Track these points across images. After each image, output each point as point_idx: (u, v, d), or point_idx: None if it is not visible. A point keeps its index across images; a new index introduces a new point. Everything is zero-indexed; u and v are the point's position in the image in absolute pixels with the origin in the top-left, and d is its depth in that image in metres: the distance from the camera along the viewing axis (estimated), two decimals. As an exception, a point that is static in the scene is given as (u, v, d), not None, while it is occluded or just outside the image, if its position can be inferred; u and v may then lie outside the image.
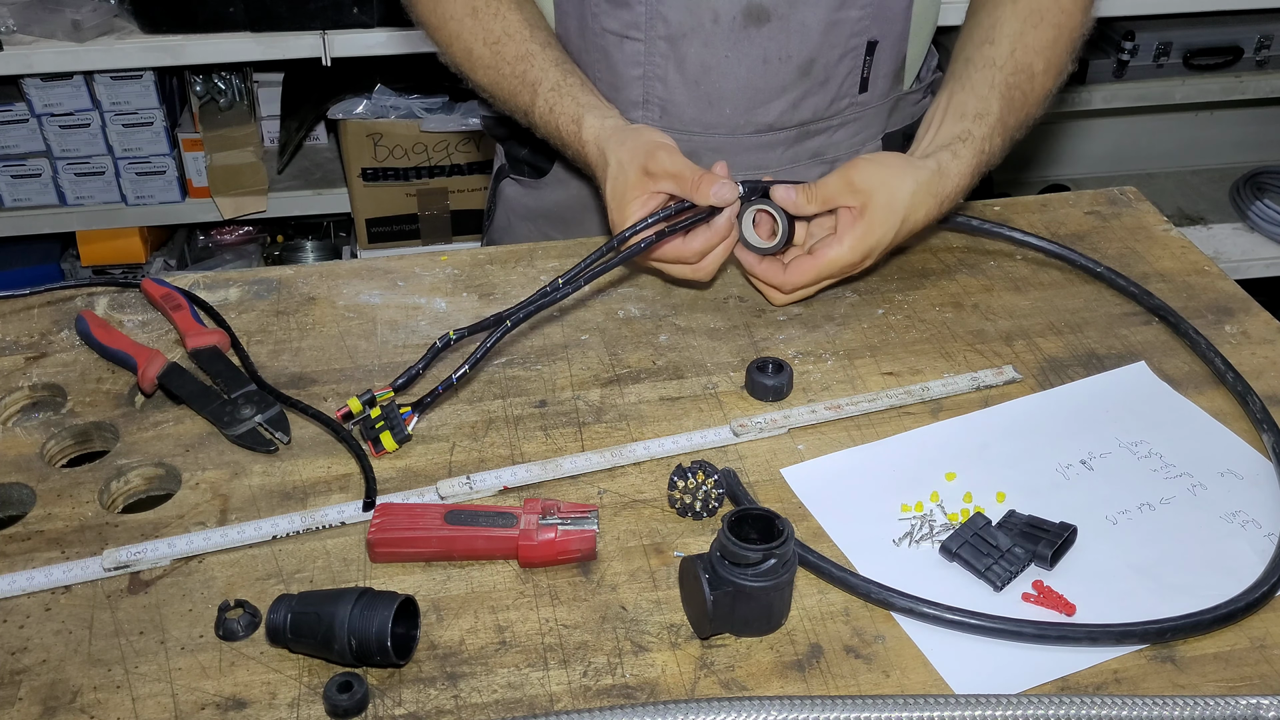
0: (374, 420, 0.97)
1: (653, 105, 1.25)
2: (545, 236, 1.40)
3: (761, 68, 1.22)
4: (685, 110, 1.25)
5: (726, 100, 1.24)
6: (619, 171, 1.10)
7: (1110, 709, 0.75)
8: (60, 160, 2.38)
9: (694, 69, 1.22)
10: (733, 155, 1.26)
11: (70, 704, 0.78)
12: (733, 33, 1.20)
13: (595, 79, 1.25)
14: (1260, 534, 0.90)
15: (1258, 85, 2.61)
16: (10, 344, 1.11)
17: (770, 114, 1.26)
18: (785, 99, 1.25)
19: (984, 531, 0.88)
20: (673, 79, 1.23)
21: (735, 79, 1.23)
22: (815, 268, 1.09)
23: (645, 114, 1.26)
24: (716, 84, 1.23)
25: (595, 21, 1.23)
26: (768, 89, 1.24)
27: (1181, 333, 1.10)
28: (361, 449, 0.97)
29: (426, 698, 0.79)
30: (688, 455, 0.98)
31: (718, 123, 1.26)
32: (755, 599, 0.80)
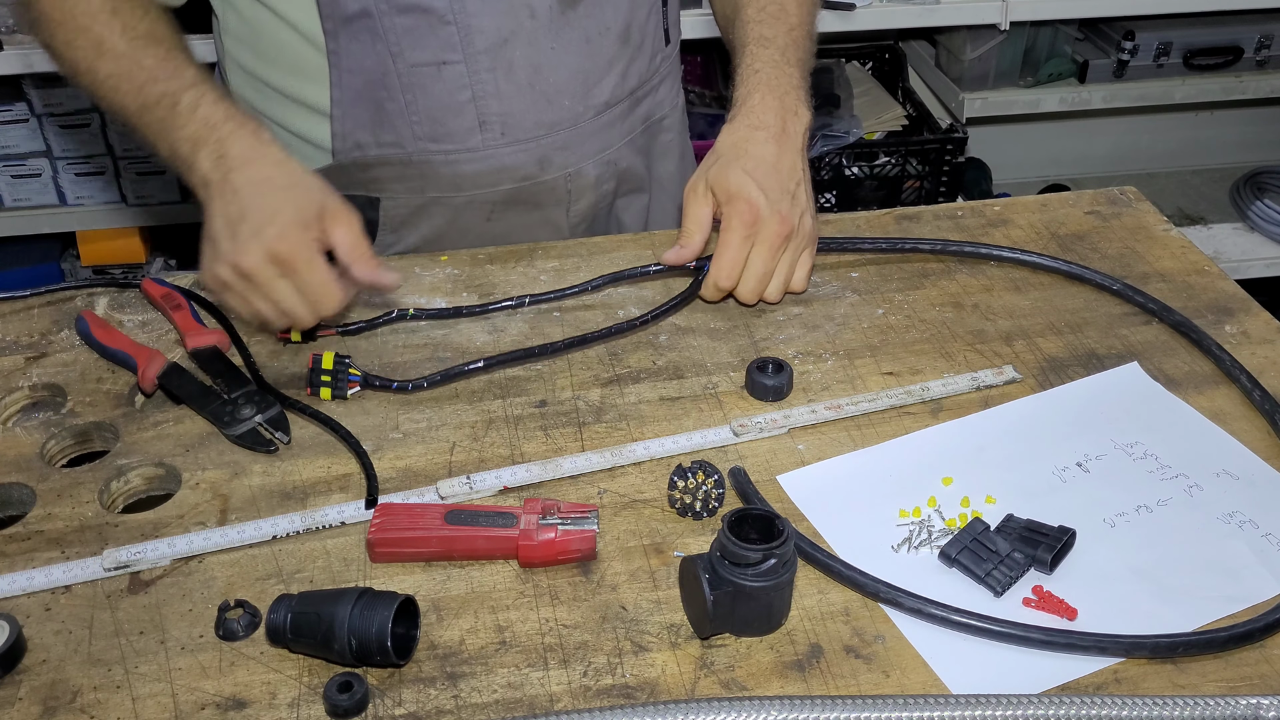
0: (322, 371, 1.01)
1: (491, 124, 1.21)
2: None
3: (586, 48, 1.22)
4: (525, 117, 1.22)
5: (563, 92, 1.23)
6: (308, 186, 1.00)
7: (1110, 709, 0.75)
8: (60, 160, 2.38)
9: (524, 72, 1.20)
10: (579, 146, 1.27)
11: (70, 704, 0.78)
12: (552, 22, 1.19)
13: (413, 121, 1.19)
14: (1258, 534, 0.90)
15: (1258, 85, 2.61)
16: (10, 344, 1.11)
17: (604, 91, 1.26)
18: (614, 72, 1.26)
19: (983, 536, 0.88)
20: (505, 90, 1.20)
21: (566, 68, 1.22)
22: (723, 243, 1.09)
23: (486, 136, 1.21)
24: (549, 79, 1.21)
25: (400, 61, 1.16)
26: (596, 68, 1.24)
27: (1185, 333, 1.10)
28: (363, 448, 0.97)
29: (426, 698, 0.79)
30: (688, 455, 0.98)
31: (559, 119, 1.24)
32: (755, 599, 0.80)
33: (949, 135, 2.50)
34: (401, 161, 1.23)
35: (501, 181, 1.26)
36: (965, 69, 2.52)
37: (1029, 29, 2.51)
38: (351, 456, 0.97)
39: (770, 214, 1.08)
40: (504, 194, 1.27)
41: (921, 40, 2.71)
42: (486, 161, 1.24)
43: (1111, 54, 2.57)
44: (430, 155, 1.22)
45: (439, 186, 1.25)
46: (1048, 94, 2.56)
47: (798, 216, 1.11)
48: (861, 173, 2.50)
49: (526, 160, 1.25)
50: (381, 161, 1.23)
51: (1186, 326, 1.10)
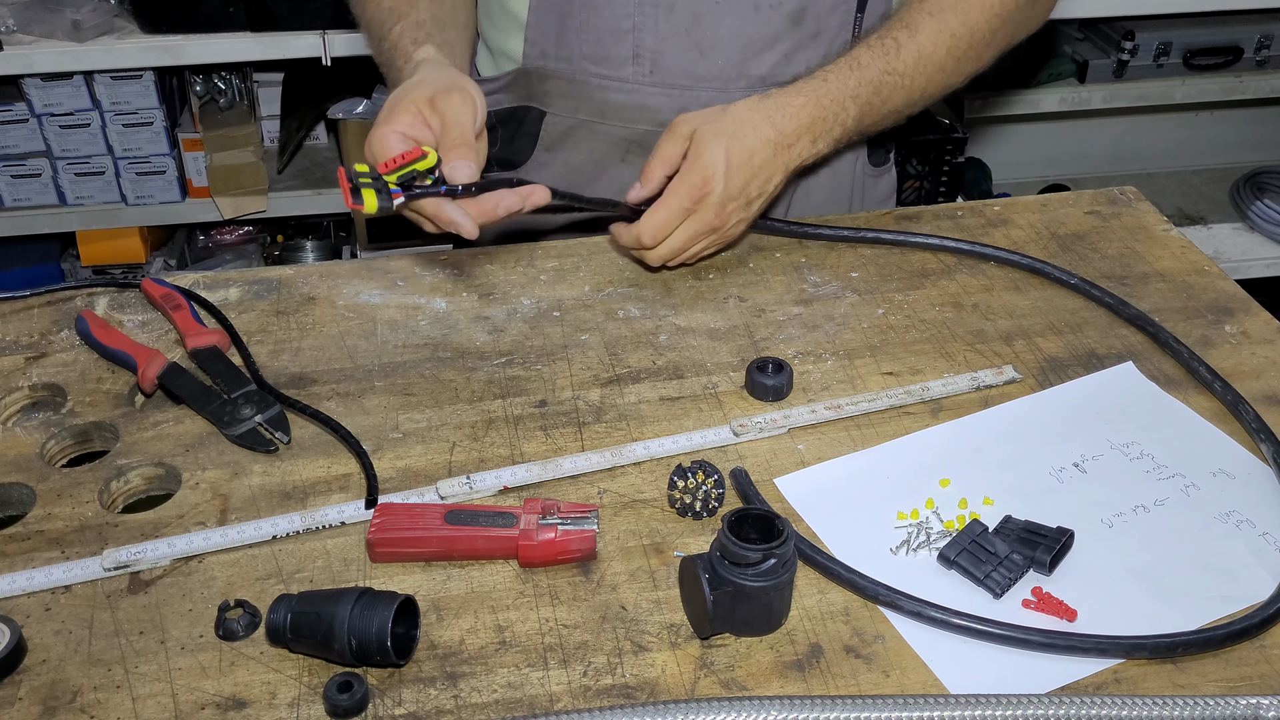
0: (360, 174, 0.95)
1: (643, 59, 1.24)
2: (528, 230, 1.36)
3: (753, 15, 1.22)
4: (676, 62, 1.24)
5: (718, 50, 1.23)
6: (414, 85, 1.06)
7: (1110, 709, 0.75)
8: (60, 160, 2.38)
9: (684, 18, 1.22)
10: None
11: (70, 704, 0.78)
12: None
13: (583, 39, 1.24)
14: (1255, 534, 0.90)
15: (1258, 85, 2.61)
16: (10, 344, 1.11)
17: (763, 65, 1.25)
18: (777, 50, 1.25)
19: (981, 538, 0.88)
20: (663, 29, 1.22)
21: (726, 27, 1.22)
22: (661, 201, 1.09)
23: (636, 69, 1.25)
24: (707, 32, 1.22)
25: None
26: (759, 38, 1.23)
27: (1161, 342, 1.10)
28: (363, 448, 0.97)
29: (426, 698, 0.79)
30: (688, 455, 0.98)
31: (710, 75, 1.25)
32: (755, 599, 0.80)
33: (949, 135, 2.50)
34: (566, 77, 1.27)
35: (641, 120, 1.28)
36: (965, 69, 2.52)
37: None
38: (351, 456, 0.97)
39: (717, 204, 1.09)
40: (642, 134, 1.28)
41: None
42: (632, 95, 1.27)
43: (1111, 54, 2.57)
44: (589, 76, 1.27)
45: (589, 110, 1.28)
46: (1048, 94, 2.56)
47: (734, 221, 1.13)
48: (861, 173, 2.49)
49: (669, 105, 1.26)
50: (553, 74, 1.28)
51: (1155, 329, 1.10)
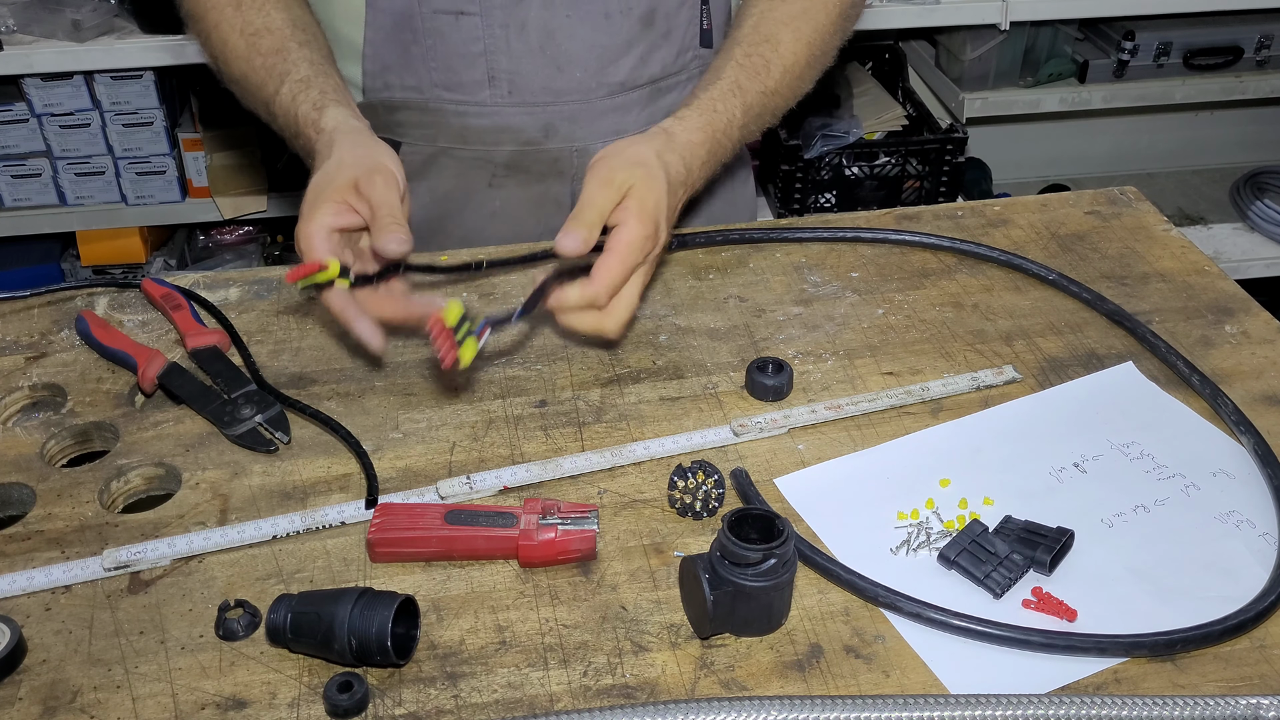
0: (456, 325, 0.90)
1: (499, 81, 1.23)
2: None
3: (605, 23, 1.22)
4: (534, 80, 1.23)
5: (575, 63, 1.23)
6: (335, 168, 1.00)
7: (1110, 709, 0.75)
8: (60, 160, 2.38)
9: (537, 35, 1.21)
10: (589, 122, 1.26)
11: (70, 704, 0.78)
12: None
13: (431, 66, 1.23)
14: (1255, 534, 0.90)
15: (1258, 85, 2.61)
16: (10, 344, 1.11)
17: (620, 72, 1.25)
18: (633, 54, 1.24)
19: (981, 538, 0.88)
20: (516, 49, 1.21)
21: (580, 38, 1.22)
22: (617, 257, 0.99)
23: (494, 92, 1.24)
24: (562, 46, 1.22)
25: (424, 5, 1.20)
26: (613, 45, 1.23)
27: (1140, 336, 1.10)
28: (363, 448, 0.97)
29: (426, 698, 0.79)
30: (688, 455, 0.98)
31: (569, 88, 1.24)
32: (755, 599, 0.80)
33: (949, 135, 2.50)
34: (419, 106, 1.26)
35: (505, 142, 1.27)
36: (965, 69, 2.52)
37: (1029, 29, 2.51)
38: (352, 456, 0.97)
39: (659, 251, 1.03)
40: (508, 156, 1.28)
41: (921, 40, 2.71)
42: (493, 118, 1.26)
43: (1111, 54, 2.57)
44: (443, 103, 1.25)
45: (448, 136, 1.27)
46: (1048, 94, 2.56)
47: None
48: (861, 173, 2.50)
49: (531, 124, 1.26)
50: (403, 105, 1.26)
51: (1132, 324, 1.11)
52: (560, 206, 1.32)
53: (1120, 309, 1.13)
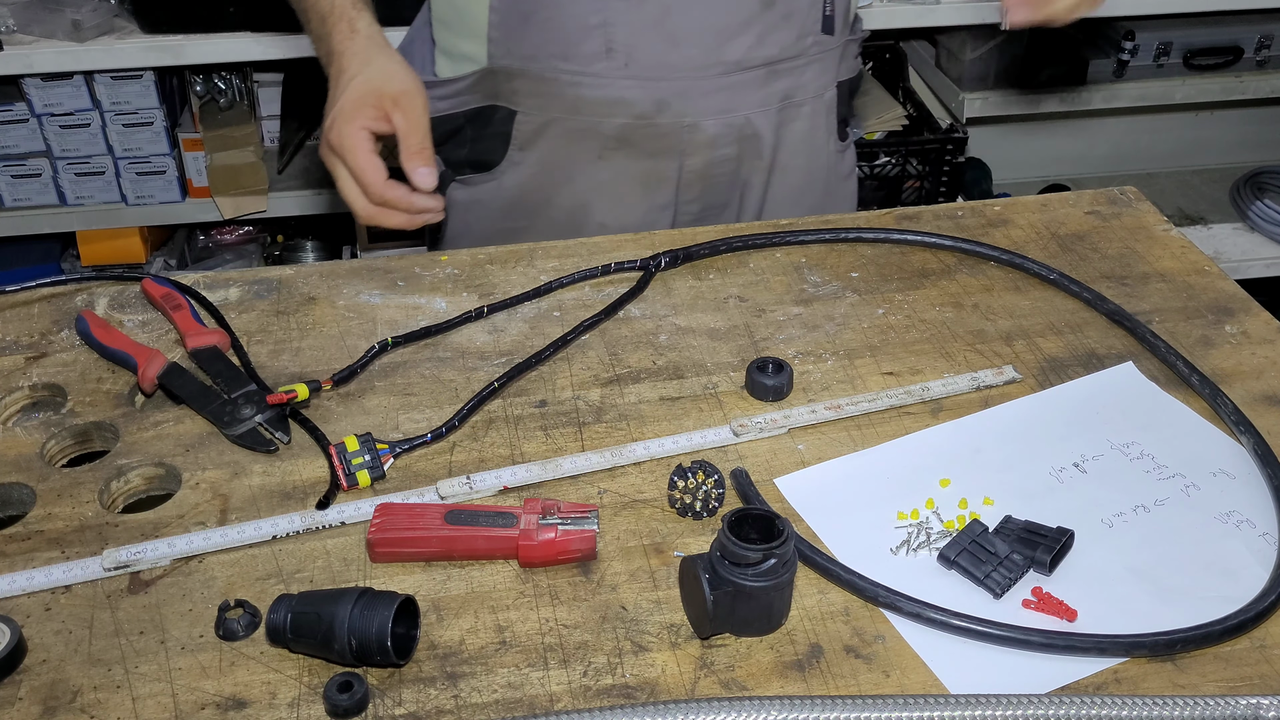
0: (352, 454, 0.95)
1: (616, 53, 1.23)
2: (506, 232, 1.37)
3: (723, 1, 1.22)
4: (649, 54, 1.23)
5: (690, 38, 1.23)
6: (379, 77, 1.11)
7: (1110, 709, 0.75)
8: (60, 160, 2.38)
9: (654, 9, 1.21)
10: (702, 99, 1.26)
11: (70, 704, 0.78)
12: None
13: (550, 37, 1.23)
14: (1255, 534, 0.90)
15: (1258, 85, 2.61)
16: (10, 344, 1.11)
17: (736, 50, 1.25)
18: (750, 34, 1.24)
19: (981, 538, 0.88)
20: (634, 22, 1.22)
21: (697, 14, 1.22)
22: None
23: (610, 64, 1.24)
24: (678, 21, 1.22)
25: None
26: (731, 24, 1.23)
27: (1140, 336, 1.10)
28: (329, 451, 0.97)
29: (426, 698, 0.79)
30: (688, 455, 0.98)
31: (683, 64, 1.24)
32: (755, 599, 0.80)
33: (949, 135, 2.50)
34: (535, 76, 1.26)
35: (617, 114, 1.27)
36: (965, 69, 2.52)
37: (1029, 29, 2.50)
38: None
39: None
40: (619, 129, 1.28)
41: (921, 40, 2.70)
42: (607, 90, 1.26)
43: (1111, 54, 2.57)
44: (559, 73, 1.26)
45: (561, 107, 1.28)
46: (1048, 94, 2.56)
47: None
48: (862, 173, 2.50)
49: (644, 98, 1.26)
50: (520, 73, 1.27)
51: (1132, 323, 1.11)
52: (665, 183, 1.33)
53: (1120, 309, 1.13)
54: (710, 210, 1.37)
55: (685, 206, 1.35)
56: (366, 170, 1.10)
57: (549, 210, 1.35)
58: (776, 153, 1.35)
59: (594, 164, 1.31)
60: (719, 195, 1.36)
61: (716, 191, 1.36)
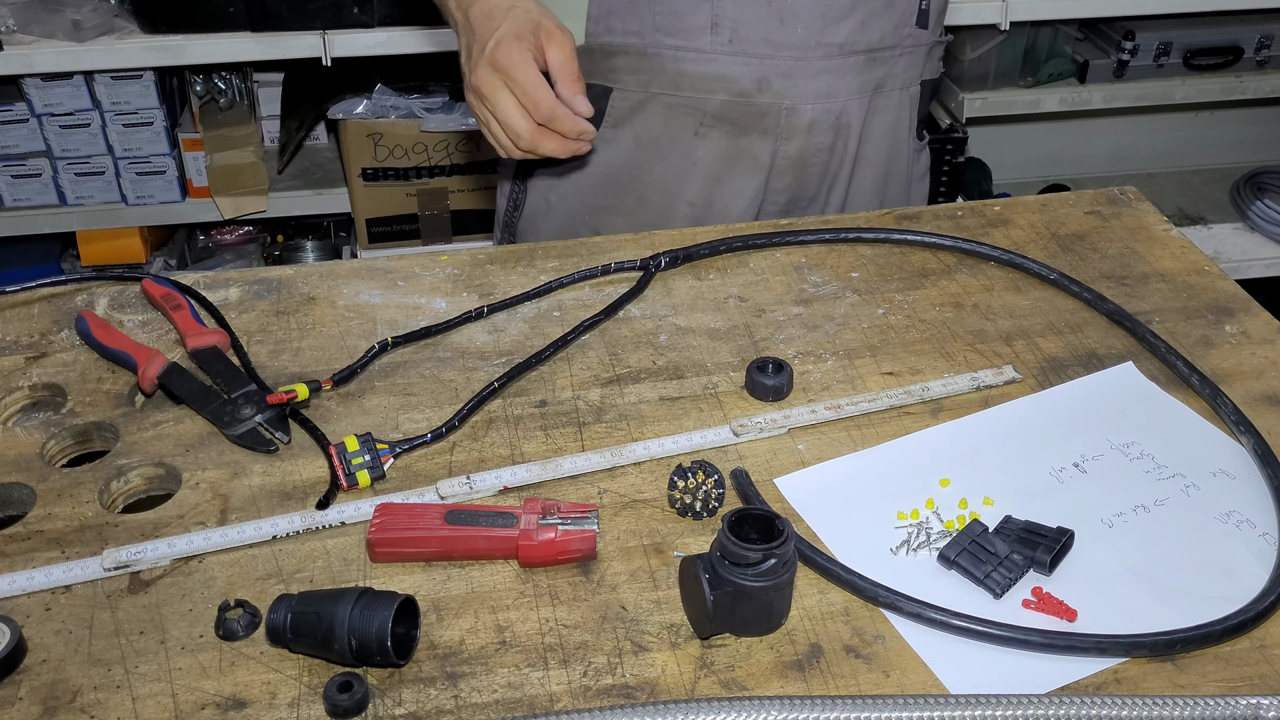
0: (352, 454, 0.95)
1: (723, 28, 1.25)
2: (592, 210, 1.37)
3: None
4: (756, 30, 1.25)
5: (798, 17, 1.24)
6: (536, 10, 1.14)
7: (1110, 709, 0.75)
8: (60, 160, 2.38)
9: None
10: (803, 80, 1.27)
11: (70, 704, 0.78)
12: None
13: (657, 11, 1.25)
14: (1255, 534, 0.90)
15: (1258, 85, 2.61)
16: (10, 344, 1.11)
17: (840, 33, 1.26)
18: (854, 17, 1.26)
19: (981, 538, 0.88)
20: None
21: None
22: None
23: (715, 38, 1.25)
24: (788, 1, 1.23)
25: None
26: (837, 5, 1.25)
27: (1140, 336, 1.10)
28: (329, 451, 0.97)
29: (426, 698, 0.79)
30: (688, 455, 0.98)
31: (789, 43, 1.25)
32: (755, 599, 0.80)
33: (949, 135, 2.50)
34: (637, 51, 1.27)
35: (718, 90, 1.28)
36: (965, 69, 2.52)
37: (1029, 29, 2.51)
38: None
39: None
40: (717, 105, 1.29)
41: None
42: (709, 65, 1.27)
43: (1111, 54, 2.57)
44: (662, 48, 1.27)
45: (662, 82, 1.29)
46: (1048, 94, 2.56)
47: None
48: (861, 173, 2.49)
49: (746, 75, 1.27)
50: (621, 50, 1.28)
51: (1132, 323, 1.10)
52: (759, 166, 1.33)
53: (1120, 309, 1.13)
54: (797, 203, 1.38)
55: (774, 196, 1.36)
56: (539, 87, 1.11)
57: (638, 188, 1.35)
58: (862, 144, 1.36)
59: (690, 141, 1.31)
60: (809, 188, 1.37)
61: (807, 183, 1.36)
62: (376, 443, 0.96)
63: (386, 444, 0.96)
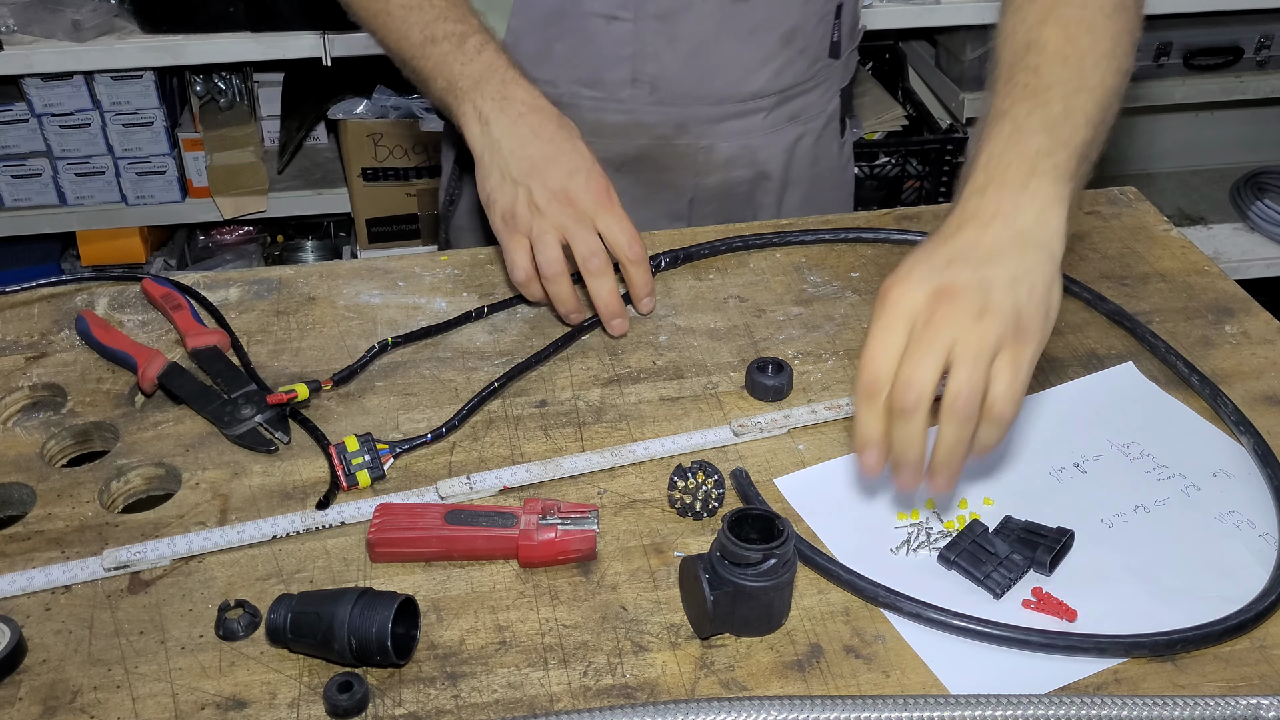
0: (352, 454, 0.95)
1: (642, 83, 1.25)
2: None
3: (749, 39, 1.24)
4: (677, 85, 1.26)
5: (718, 73, 1.26)
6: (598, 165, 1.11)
7: (1110, 709, 0.75)
8: (60, 160, 2.38)
9: (686, 45, 1.23)
10: (719, 123, 1.29)
11: (70, 704, 0.78)
12: (721, 8, 1.22)
13: (575, 65, 1.25)
14: (1255, 534, 0.90)
15: (1258, 85, 2.61)
16: (10, 344, 1.11)
17: (757, 82, 1.28)
18: (770, 68, 1.27)
19: (981, 539, 0.88)
20: (665, 57, 1.24)
21: (725, 51, 1.24)
22: None
23: (635, 91, 1.26)
24: (707, 58, 1.24)
25: (577, 6, 1.22)
26: (754, 59, 1.26)
27: (1140, 336, 1.10)
28: (329, 451, 0.97)
29: (426, 698, 0.79)
30: (688, 455, 0.98)
31: (707, 94, 1.27)
32: (755, 599, 0.80)
33: (949, 135, 2.50)
34: (553, 99, 1.24)
35: (639, 136, 1.30)
36: (965, 69, 2.52)
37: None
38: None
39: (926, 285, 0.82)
40: (638, 149, 1.31)
41: (921, 40, 2.70)
42: (629, 115, 1.28)
43: (1111, 54, 2.56)
44: (580, 100, 1.27)
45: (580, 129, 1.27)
46: (1047, 94, 2.55)
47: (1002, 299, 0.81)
48: (862, 173, 2.50)
49: (666, 121, 1.28)
50: None
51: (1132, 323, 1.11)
52: (679, 194, 1.35)
53: (1120, 309, 1.13)
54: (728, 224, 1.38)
55: (700, 222, 1.38)
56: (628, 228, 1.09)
57: None
58: (788, 171, 1.38)
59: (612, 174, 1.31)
60: (734, 212, 1.38)
61: (731, 208, 1.38)
62: (377, 443, 0.96)
63: (386, 444, 0.96)
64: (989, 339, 0.79)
